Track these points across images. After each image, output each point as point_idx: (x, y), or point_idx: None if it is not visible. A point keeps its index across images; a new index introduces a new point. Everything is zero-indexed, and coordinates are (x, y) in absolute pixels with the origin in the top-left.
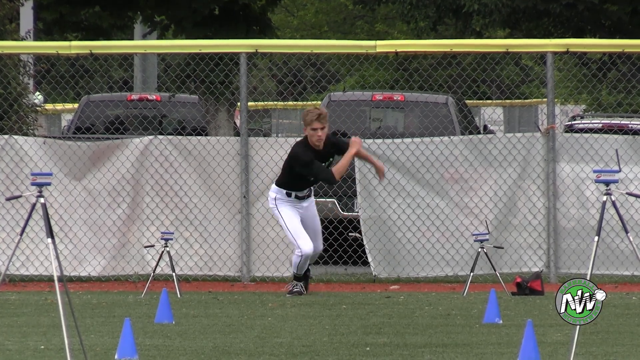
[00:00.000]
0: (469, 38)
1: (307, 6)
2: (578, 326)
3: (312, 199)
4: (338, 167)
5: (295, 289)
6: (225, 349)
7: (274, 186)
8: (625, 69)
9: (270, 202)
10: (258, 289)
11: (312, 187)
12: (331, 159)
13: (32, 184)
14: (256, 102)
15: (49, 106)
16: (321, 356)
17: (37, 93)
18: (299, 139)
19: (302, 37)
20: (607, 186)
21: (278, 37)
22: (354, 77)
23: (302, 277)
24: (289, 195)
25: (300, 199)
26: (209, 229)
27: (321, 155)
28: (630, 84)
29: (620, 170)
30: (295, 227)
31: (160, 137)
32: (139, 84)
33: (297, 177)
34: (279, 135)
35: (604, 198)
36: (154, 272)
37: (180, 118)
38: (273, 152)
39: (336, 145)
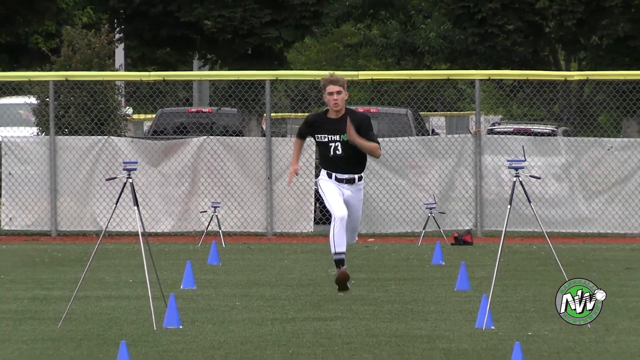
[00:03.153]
0: (422, 70)
1: (311, 48)
2: (496, 267)
3: (357, 189)
4: (292, 158)
5: (334, 273)
6: (255, 282)
7: (322, 170)
8: (529, 90)
9: (317, 183)
10: (278, 241)
11: (355, 176)
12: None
13: (124, 170)
14: (276, 113)
15: (135, 116)
16: (321, 287)
17: (127, 107)
18: None
19: (307, 69)
20: (516, 171)
21: (291, 69)
22: None
23: (341, 262)
24: (329, 176)
25: (340, 181)
26: (245, 200)
27: (337, 126)
28: (532, 101)
29: (525, 160)
30: (331, 196)
31: (211, 137)
32: (196, 101)
33: (322, 155)
34: (292, 136)
35: (514, 179)
36: (206, 230)
37: (224, 124)
38: (288, 148)
39: (361, 132)
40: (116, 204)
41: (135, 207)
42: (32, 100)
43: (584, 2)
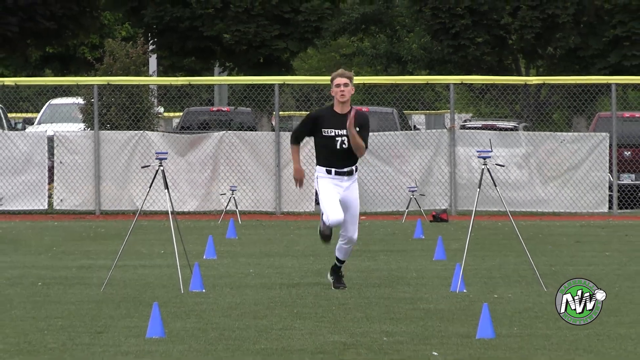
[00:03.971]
0: (405, 75)
1: (312, 57)
2: (467, 241)
3: (354, 180)
4: (294, 164)
5: (337, 284)
6: (266, 252)
7: (317, 167)
8: (495, 93)
9: (314, 180)
10: (285, 218)
11: (353, 167)
12: (357, 129)
13: (156, 159)
14: (284, 112)
15: (165, 114)
16: (321, 257)
17: (159, 106)
18: None
19: (310, 75)
20: (484, 160)
21: (296, 75)
22: None
23: (336, 270)
24: (329, 172)
25: (341, 174)
26: (257, 184)
27: (344, 120)
28: (498, 101)
29: (491, 151)
30: (328, 197)
31: (229, 132)
32: (217, 102)
33: (325, 150)
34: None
35: (483, 167)
36: (225, 209)
37: (240, 121)
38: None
39: (362, 128)
40: (150, 187)
41: (166, 190)
42: (80, 100)
43: (541, 19)
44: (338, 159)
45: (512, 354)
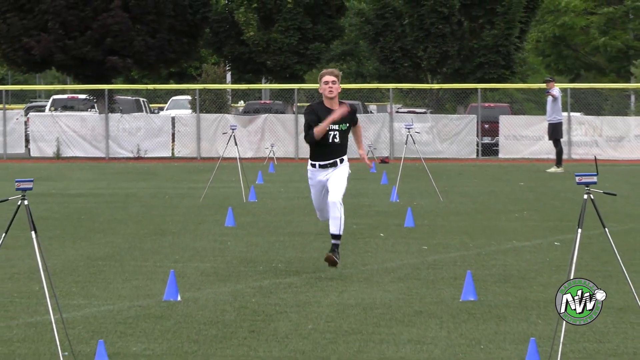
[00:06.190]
0: (366, 84)
1: (316, 74)
2: (399, 174)
3: (342, 164)
4: (317, 129)
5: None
6: (291, 180)
7: (309, 161)
8: (415, 93)
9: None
10: (301, 161)
11: (338, 159)
12: (348, 125)
13: (230, 128)
14: (300, 103)
15: (235, 105)
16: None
17: (240, 101)
18: None
19: (314, 84)
20: (409, 129)
21: (306, 83)
22: None
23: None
24: (313, 166)
25: (324, 167)
26: (285, 142)
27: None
28: (415, 97)
29: (412, 124)
30: (315, 198)
31: (270, 114)
32: (264, 98)
33: (320, 141)
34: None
35: (407, 133)
36: (268, 156)
37: (277, 109)
38: None
39: (353, 119)
40: (227, 144)
41: (235, 146)
42: (189, 97)
43: (439, 53)
44: (328, 152)
45: (424, 235)
